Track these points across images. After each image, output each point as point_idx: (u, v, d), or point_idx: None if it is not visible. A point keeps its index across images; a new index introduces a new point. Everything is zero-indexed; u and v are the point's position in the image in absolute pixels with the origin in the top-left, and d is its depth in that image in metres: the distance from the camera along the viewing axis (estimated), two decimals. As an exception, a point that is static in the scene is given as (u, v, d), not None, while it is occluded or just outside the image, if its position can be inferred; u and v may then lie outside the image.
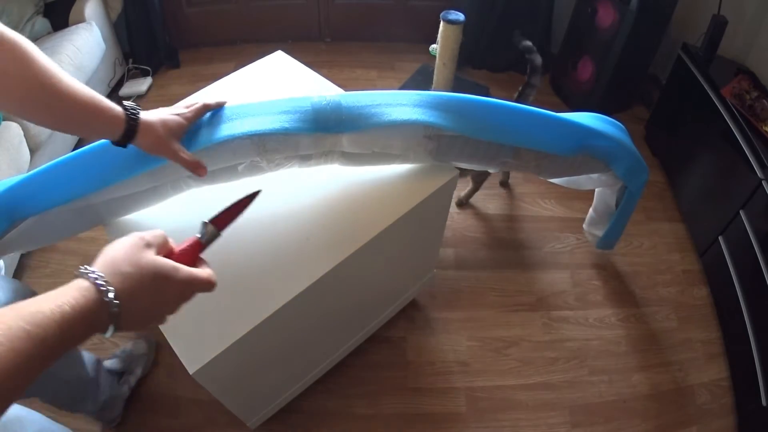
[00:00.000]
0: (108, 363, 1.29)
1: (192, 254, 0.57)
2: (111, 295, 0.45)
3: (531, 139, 1.02)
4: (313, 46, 2.54)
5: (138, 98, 2.22)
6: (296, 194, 1.01)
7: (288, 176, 1.02)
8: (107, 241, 0.61)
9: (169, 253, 0.55)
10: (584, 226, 1.56)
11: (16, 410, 0.71)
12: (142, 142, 0.74)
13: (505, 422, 1.33)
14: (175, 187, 0.95)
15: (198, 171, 0.80)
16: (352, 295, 1.13)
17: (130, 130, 0.71)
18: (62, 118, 0.68)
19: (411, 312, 1.54)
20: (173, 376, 1.37)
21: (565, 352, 1.47)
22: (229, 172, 0.93)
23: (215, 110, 0.88)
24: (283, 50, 1.36)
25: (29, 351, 0.39)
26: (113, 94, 2.22)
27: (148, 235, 0.53)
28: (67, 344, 0.43)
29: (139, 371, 1.34)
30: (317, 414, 1.32)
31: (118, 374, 1.30)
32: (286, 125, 0.86)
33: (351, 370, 1.40)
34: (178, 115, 0.80)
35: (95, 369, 1.16)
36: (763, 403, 1.25)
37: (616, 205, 1.34)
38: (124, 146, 0.74)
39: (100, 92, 2.31)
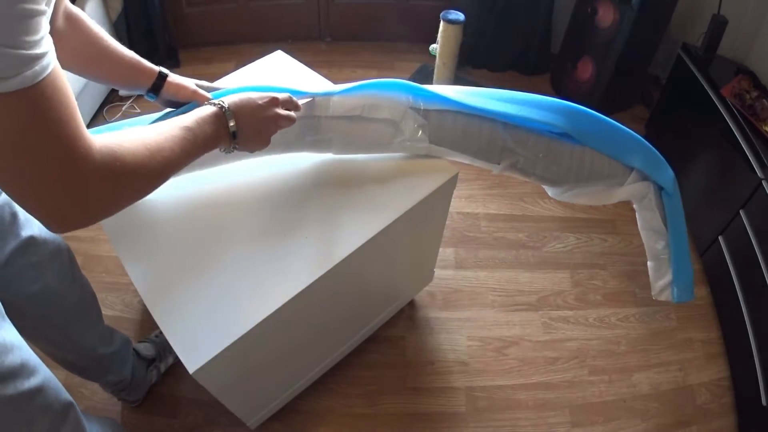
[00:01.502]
0: (140, 347, 1.29)
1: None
2: (226, 106, 0.74)
3: (523, 111, 0.98)
4: (312, 45, 2.54)
5: (138, 98, 2.22)
6: (296, 193, 1.01)
7: (288, 175, 1.03)
8: (107, 241, 0.61)
9: None
10: (653, 293, 1.24)
11: (11, 336, 0.73)
12: (168, 89, 0.90)
13: (505, 422, 1.33)
14: None
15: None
16: (352, 294, 1.14)
17: (159, 80, 0.89)
18: (111, 72, 0.86)
19: (410, 312, 1.54)
20: (173, 376, 1.37)
21: (565, 351, 1.48)
22: None
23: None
24: (282, 50, 1.36)
25: (185, 139, 0.65)
26: (113, 94, 2.22)
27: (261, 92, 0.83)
28: (206, 138, 0.70)
29: (170, 359, 1.35)
30: (317, 414, 1.33)
31: (149, 360, 1.30)
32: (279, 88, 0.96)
33: (351, 370, 1.40)
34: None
35: (122, 345, 1.18)
36: (763, 402, 1.25)
37: (665, 224, 1.13)
38: (156, 95, 0.90)
39: (100, 92, 2.29)
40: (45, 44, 0.46)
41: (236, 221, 0.96)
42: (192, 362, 0.78)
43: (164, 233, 0.94)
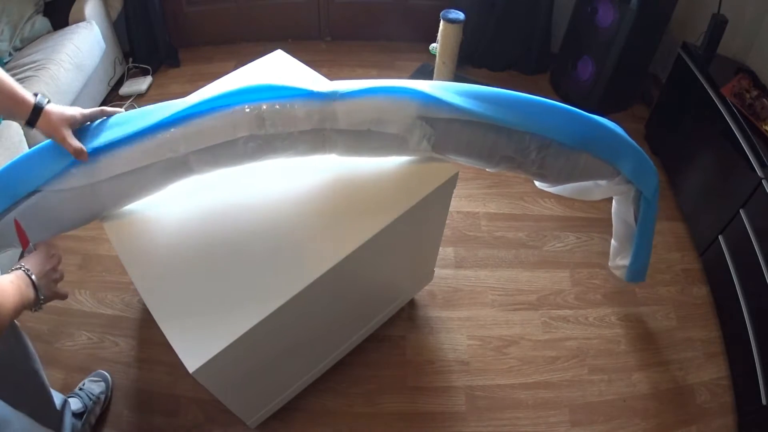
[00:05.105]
0: (71, 402, 1.25)
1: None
2: (31, 275, 0.78)
3: (531, 121, 1.00)
4: (313, 45, 2.54)
5: (138, 97, 2.22)
6: (296, 192, 1.01)
7: (288, 174, 1.03)
8: (107, 240, 0.61)
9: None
10: (609, 263, 1.43)
11: (3, 411, 0.73)
12: (40, 126, 0.87)
13: (505, 421, 1.34)
14: (175, 170, 0.94)
15: (80, 156, 0.88)
16: (352, 293, 1.14)
17: (34, 115, 0.85)
18: None
19: (411, 311, 1.54)
20: (173, 375, 1.37)
21: (564, 351, 1.48)
22: (231, 150, 0.94)
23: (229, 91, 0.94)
24: (283, 49, 1.36)
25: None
26: (113, 93, 2.22)
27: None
28: (22, 297, 0.74)
29: (98, 410, 1.31)
30: (317, 413, 1.33)
31: (80, 414, 1.26)
32: (282, 94, 0.94)
33: (351, 369, 1.40)
34: (77, 110, 0.91)
35: (61, 406, 1.17)
36: (763, 402, 1.25)
37: (635, 220, 1.24)
38: (32, 127, 0.87)
39: (100, 91, 2.29)
40: None
41: (236, 221, 0.96)
42: (192, 362, 0.78)
43: (164, 233, 0.94)
